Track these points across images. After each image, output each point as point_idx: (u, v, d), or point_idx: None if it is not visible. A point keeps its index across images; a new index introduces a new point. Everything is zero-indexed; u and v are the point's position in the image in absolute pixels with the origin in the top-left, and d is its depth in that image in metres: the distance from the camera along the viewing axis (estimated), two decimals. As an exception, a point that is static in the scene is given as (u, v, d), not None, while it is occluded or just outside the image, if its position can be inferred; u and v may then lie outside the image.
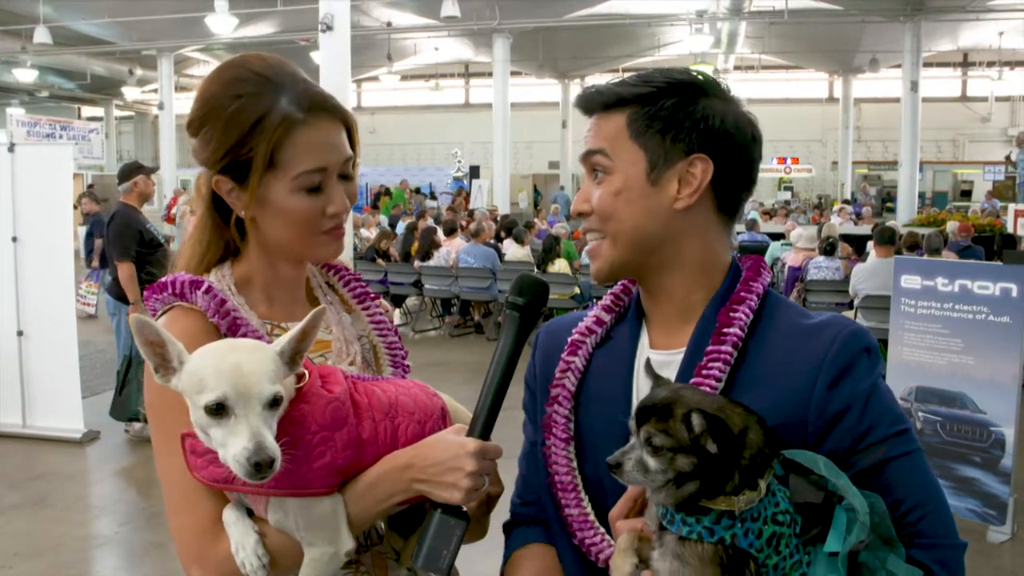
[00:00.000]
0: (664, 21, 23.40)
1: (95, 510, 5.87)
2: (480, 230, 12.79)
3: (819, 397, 1.28)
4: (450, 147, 30.66)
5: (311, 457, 1.26)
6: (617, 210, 1.38)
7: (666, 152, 1.36)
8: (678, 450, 1.14)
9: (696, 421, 1.13)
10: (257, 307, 1.49)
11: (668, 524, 1.18)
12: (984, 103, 30.90)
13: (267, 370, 1.21)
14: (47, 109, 31.02)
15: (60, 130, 23.76)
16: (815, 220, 20.32)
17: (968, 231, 12.54)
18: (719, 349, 1.33)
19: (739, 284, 1.40)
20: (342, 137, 1.46)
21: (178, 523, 1.36)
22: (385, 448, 1.35)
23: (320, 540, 1.29)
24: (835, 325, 1.33)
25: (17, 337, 7.04)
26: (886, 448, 1.27)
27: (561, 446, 1.47)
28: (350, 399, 1.32)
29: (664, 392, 1.21)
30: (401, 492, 1.32)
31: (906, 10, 20.69)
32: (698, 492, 1.14)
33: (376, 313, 1.64)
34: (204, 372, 1.21)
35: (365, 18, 22.04)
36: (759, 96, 29.93)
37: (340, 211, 1.45)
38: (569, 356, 1.50)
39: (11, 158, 6.97)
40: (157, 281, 1.44)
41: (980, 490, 5.24)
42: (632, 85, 1.39)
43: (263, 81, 1.41)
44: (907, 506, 1.25)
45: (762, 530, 1.13)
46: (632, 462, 1.17)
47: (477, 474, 1.30)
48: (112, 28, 23.22)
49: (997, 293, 5.11)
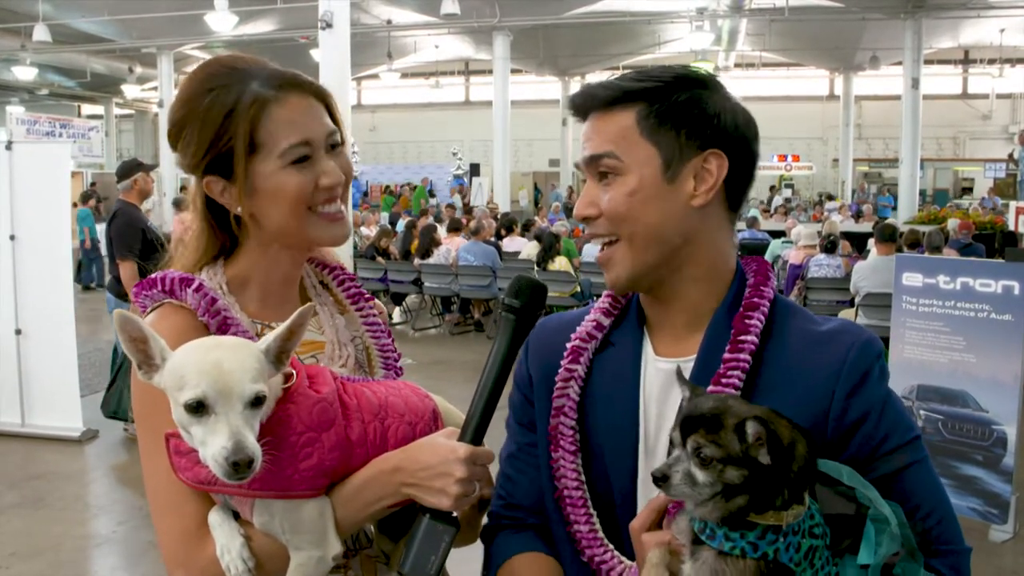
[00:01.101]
0: (664, 18, 23.38)
1: (93, 509, 5.86)
2: (480, 228, 12.78)
3: (838, 405, 1.26)
4: (450, 145, 30.65)
5: (297, 458, 1.24)
6: (633, 211, 1.32)
7: (681, 148, 1.32)
8: (728, 461, 1.11)
9: (752, 430, 1.10)
10: (248, 306, 1.47)
11: (707, 539, 1.14)
12: (985, 100, 30.89)
13: (249, 368, 1.19)
14: (47, 107, 30.99)
15: (60, 128, 23.72)
16: (816, 218, 20.33)
17: (969, 228, 12.52)
18: (737, 357, 1.30)
19: (750, 289, 1.37)
20: (320, 110, 1.44)
21: (163, 525, 1.33)
22: (374, 450, 1.32)
23: (306, 544, 1.26)
24: (850, 332, 1.31)
25: (15, 336, 7.02)
26: (901, 456, 1.26)
27: (570, 459, 1.42)
28: (338, 400, 1.30)
29: (711, 402, 1.17)
30: (390, 496, 1.30)
31: (907, 7, 20.67)
32: (747, 506, 1.11)
33: (370, 314, 1.61)
34: (185, 369, 1.18)
35: (365, 16, 22.01)
36: (760, 94, 29.94)
37: (334, 183, 1.43)
38: (571, 364, 1.45)
39: (9, 156, 6.95)
40: (147, 277, 1.42)
41: (982, 489, 5.23)
42: (638, 80, 1.34)
43: (232, 72, 1.41)
44: (923, 513, 1.24)
45: (800, 544, 1.11)
46: (680, 475, 1.13)
47: (468, 480, 1.28)
48: (112, 26, 23.19)
49: (999, 291, 5.09)
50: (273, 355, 1.24)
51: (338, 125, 1.48)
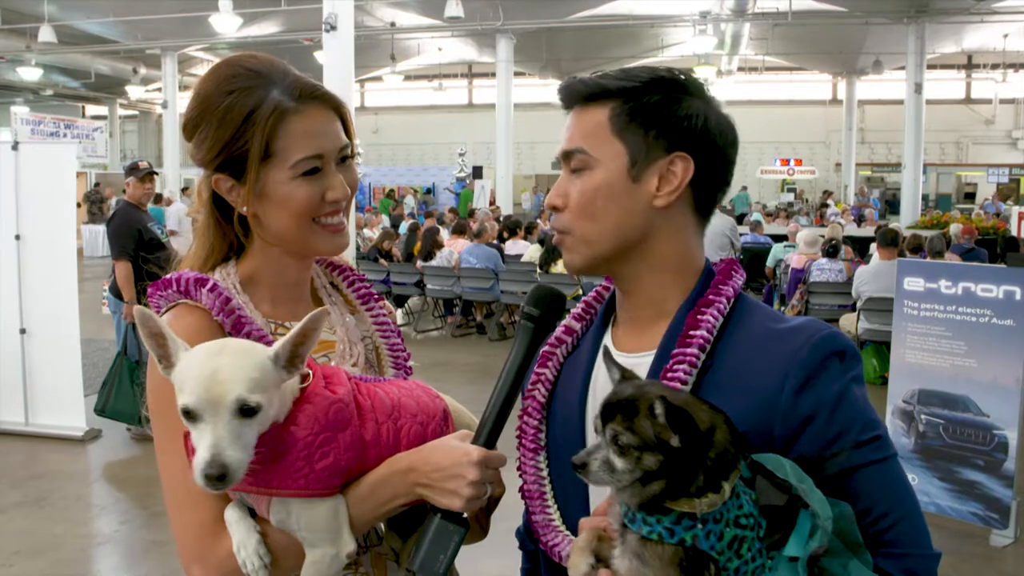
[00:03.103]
0: (667, 22, 23.40)
1: (96, 509, 5.87)
2: (483, 230, 12.78)
3: (786, 402, 1.24)
4: (453, 147, 30.66)
5: (313, 458, 1.25)
6: (596, 204, 1.35)
7: (648, 148, 1.33)
8: (644, 448, 1.10)
9: (658, 410, 1.10)
10: (261, 306, 1.49)
11: (629, 523, 1.15)
12: (988, 105, 30.90)
13: (246, 378, 1.19)
14: (51, 108, 31.06)
15: (64, 128, 23.79)
16: (818, 222, 20.33)
17: (971, 233, 12.53)
18: (684, 352, 1.30)
19: (709, 287, 1.38)
20: (336, 125, 1.47)
21: (180, 521, 1.35)
22: (388, 450, 1.34)
23: (322, 541, 1.28)
24: (807, 329, 1.29)
25: (20, 335, 7.03)
26: (855, 454, 1.23)
27: (530, 456, 1.48)
28: (353, 400, 1.32)
29: (630, 388, 1.17)
30: (403, 495, 1.32)
31: (910, 12, 20.71)
32: (662, 492, 1.11)
33: (380, 314, 1.63)
34: (186, 373, 1.20)
35: (369, 18, 22.06)
36: (762, 98, 30.00)
37: (340, 197, 1.45)
38: (540, 368, 1.50)
39: (15, 156, 6.97)
40: (161, 278, 1.44)
41: (983, 494, 5.23)
42: (616, 79, 1.36)
43: (254, 75, 1.42)
44: (876, 514, 1.22)
45: (724, 532, 1.11)
46: (598, 462, 1.13)
47: (480, 483, 1.29)
48: (116, 27, 23.26)
49: (1000, 296, 5.10)
50: (284, 359, 1.25)
51: (350, 138, 1.50)
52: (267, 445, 1.23)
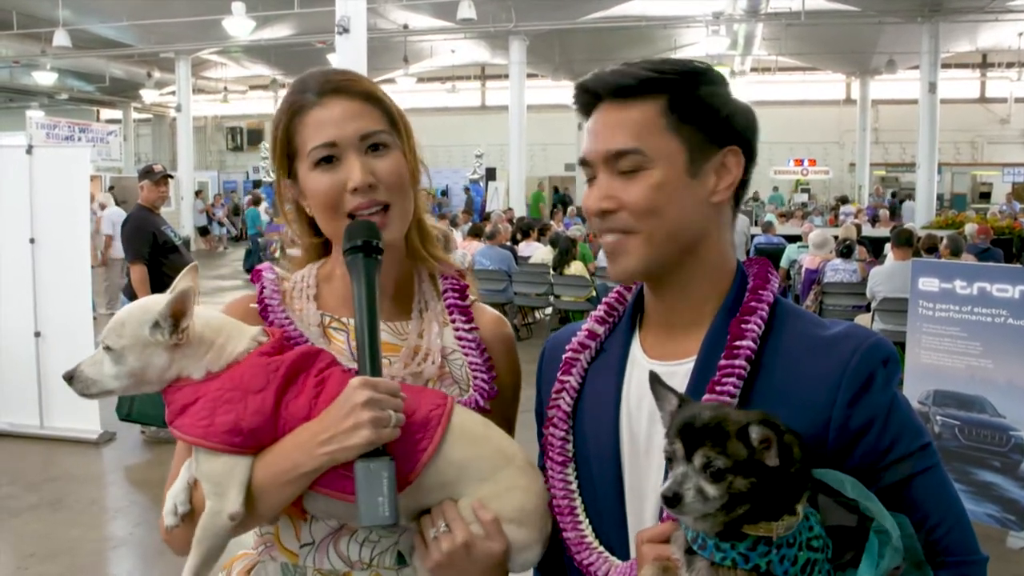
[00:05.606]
0: (680, 23, 23.33)
1: (110, 511, 5.90)
2: (496, 232, 12.77)
3: (840, 413, 1.21)
4: (466, 149, 30.67)
5: (216, 411, 1.32)
6: (659, 205, 1.29)
7: (703, 143, 1.30)
8: (737, 471, 1.07)
9: (758, 434, 1.07)
10: (328, 300, 1.56)
11: (699, 549, 1.11)
12: (1003, 104, 30.68)
13: (113, 324, 1.39)
14: (66, 111, 31.25)
15: (79, 132, 23.87)
16: (832, 222, 20.25)
17: (987, 233, 12.46)
18: (732, 364, 1.26)
19: (748, 293, 1.34)
20: (362, 112, 1.47)
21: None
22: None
23: (211, 494, 1.33)
24: (855, 337, 1.26)
25: (34, 338, 7.07)
26: (908, 464, 1.21)
27: (558, 469, 1.42)
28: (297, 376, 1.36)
29: (709, 412, 1.12)
30: (308, 459, 1.29)
31: (923, 11, 20.59)
32: (743, 516, 1.08)
33: (461, 328, 1.59)
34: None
35: (382, 20, 22.09)
36: (776, 98, 29.87)
37: (359, 184, 1.43)
38: (564, 376, 1.45)
39: (29, 160, 7.01)
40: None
41: (999, 495, 5.19)
42: (659, 72, 1.31)
43: (298, 84, 1.51)
44: (931, 523, 1.20)
45: (797, 556, 1.07)
46: (692, 492, 1.07)
47: (373, 403, 1.26)
48: (130, 31, 23.36)
49: (1016, 296, 5.06)
50: (166, 318, 1.36)
51: (396, 126, 1.53)
52: (187, 392, 1.35)
